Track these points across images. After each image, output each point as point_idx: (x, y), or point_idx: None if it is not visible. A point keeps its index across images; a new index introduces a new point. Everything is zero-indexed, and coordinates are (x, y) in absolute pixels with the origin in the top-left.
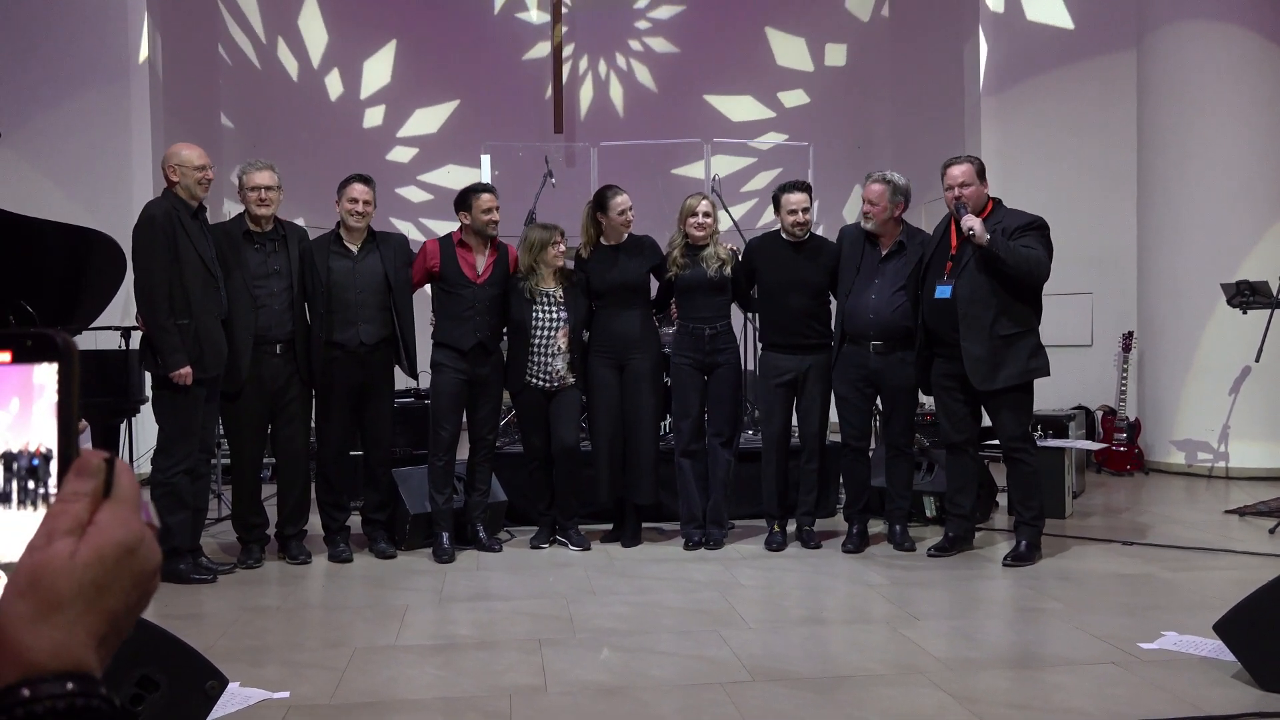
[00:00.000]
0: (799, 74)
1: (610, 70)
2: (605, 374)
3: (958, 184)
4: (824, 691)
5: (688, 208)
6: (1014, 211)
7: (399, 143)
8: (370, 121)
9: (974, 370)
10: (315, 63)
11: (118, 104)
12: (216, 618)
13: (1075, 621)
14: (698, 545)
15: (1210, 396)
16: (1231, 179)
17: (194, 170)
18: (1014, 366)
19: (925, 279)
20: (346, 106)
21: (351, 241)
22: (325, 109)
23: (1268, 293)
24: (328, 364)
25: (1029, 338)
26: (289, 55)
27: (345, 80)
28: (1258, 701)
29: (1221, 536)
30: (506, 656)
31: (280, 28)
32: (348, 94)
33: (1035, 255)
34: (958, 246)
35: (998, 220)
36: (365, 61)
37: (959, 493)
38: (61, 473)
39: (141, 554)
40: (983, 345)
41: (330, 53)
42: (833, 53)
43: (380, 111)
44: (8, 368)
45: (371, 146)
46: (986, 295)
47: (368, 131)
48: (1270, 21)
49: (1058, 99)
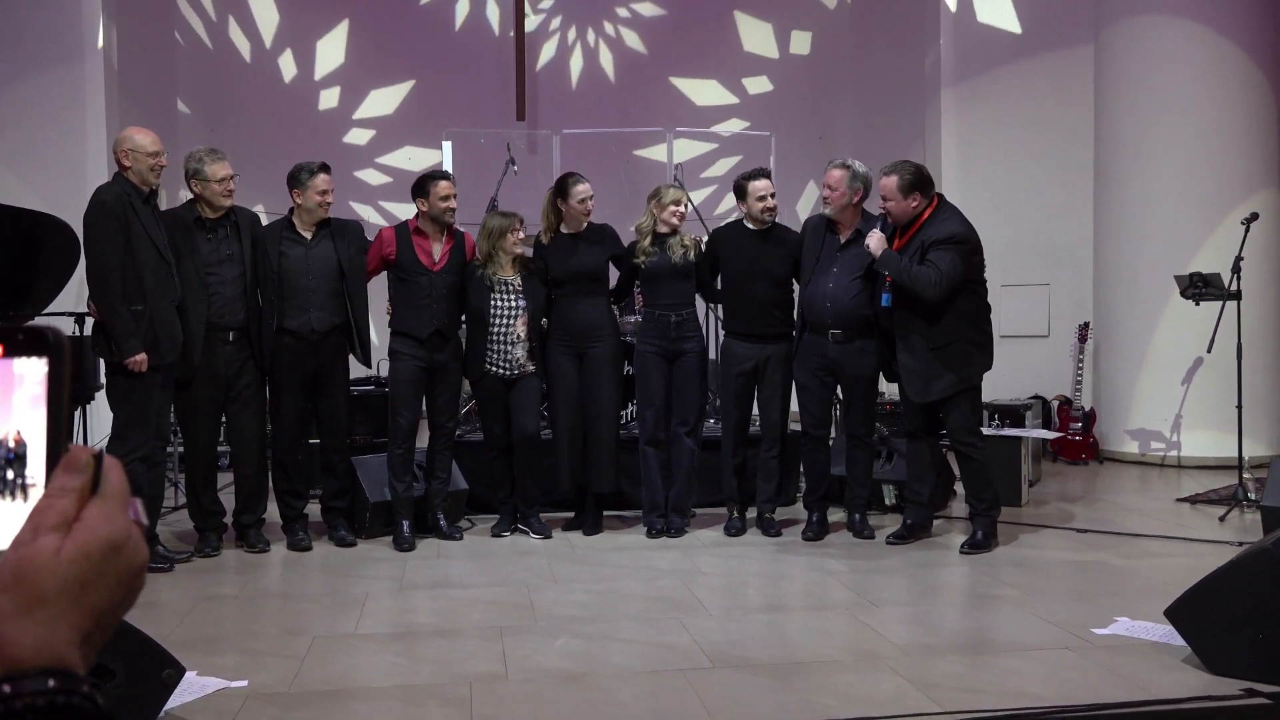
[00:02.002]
0: (764, 60)
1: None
2: (565, 362)
3: (882, 196)
4: (784, 677)
5: (662, 196)
6: (945, 220)
7: (355, 125)
8: (326, 103)
9: (909, 382)
10: (268, 43)
11: (72, 87)
12: (173, 606)
13: (1030, 608)
14: (660, 533)
15: (1164, 387)
16: (1186, 173)
17: (148, 156)
18: (946, 379)
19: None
20: (301, 88)
21: (305, 228)
22: (280, 91)
23: (1220, 285)
24: (279, 351)
25: (959, 347)
26: (241, 36)
27: (299, 61)
28: (1207, 685)
29: (1173, 524)
30: (467, 644)
31: (230, 6)
32: (301, 75)
33: (925, 275)
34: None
35: (927, 227)
36: (318, 41)
37: (917, 480)
38: (50, 468)
39: (128, 551)
40: (915, 358)
41: (282, 32)
42: (798, 40)
43: (335, 93)
44: None
45: (328, 128)
46: (918, 306)
47: (323, 113)
48: (1225, 18)
49: (1016, 93)
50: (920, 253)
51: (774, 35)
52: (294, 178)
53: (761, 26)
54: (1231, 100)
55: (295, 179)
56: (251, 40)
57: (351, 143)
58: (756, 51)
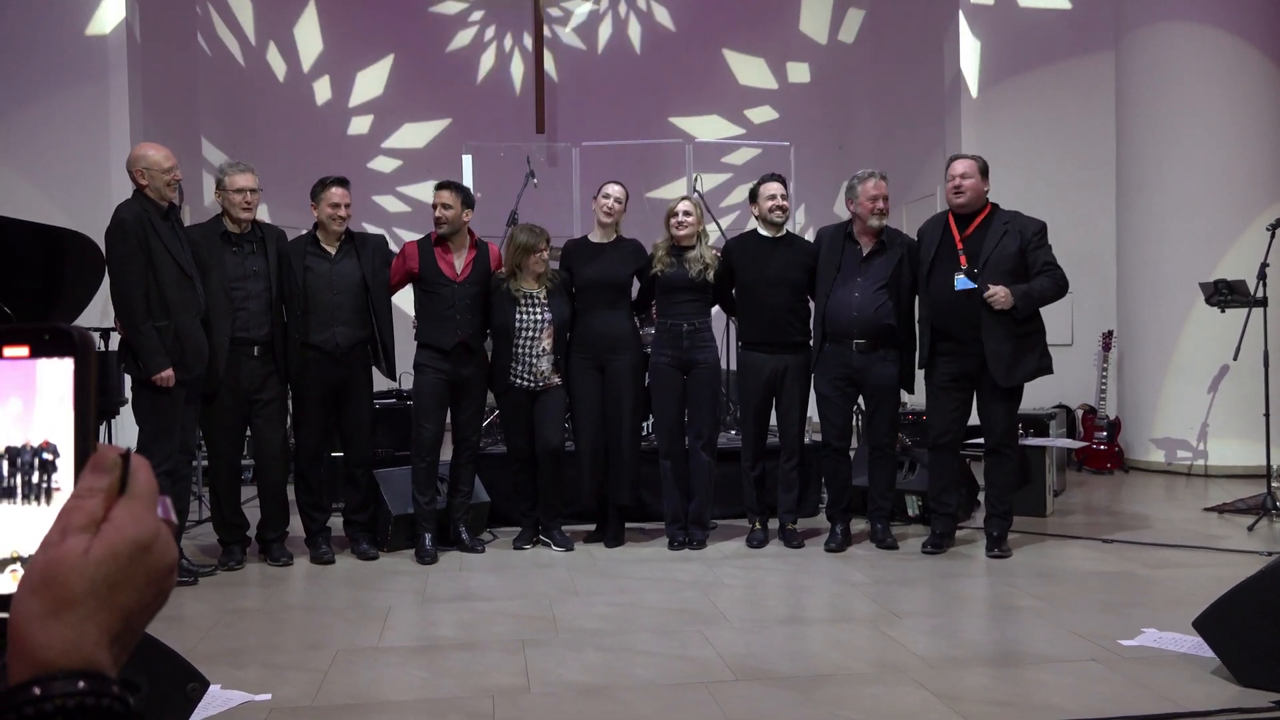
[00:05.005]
0: (764, 91)
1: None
2: (587, 374)
3: (959, 175)
4: (806, 690)
5: (669, 209)
6: (1016, 215)
7: (383, 152)
8: (356, 129)
9: (996, 365)
10: (305, 67)
11: (97, 102)
12: (197, 620)
13: (1056, 619)
14: (681, 545)
15: (1189, 395)
16: (1209, 179)
17: (162, 172)
18: (1030, 364)
19: (931, 274)
20: (332, 112)
21: (329, 243)
22: (309, 112)
23: (1245, 291)
24: (303, 365)
25: (1042, 337)
26: (279, 58)
27: (335, 87)
28: (1236, 697)
29: (1201, 534)
30: (489, 657)
31: (274, 31)
32: (336, 100)
33: (1054, 284)
34: (964, 243)
35: (1004, 223)
36: (359, 72)
37: (944, 491)
38: (77, 468)
39: (156, 551)
40: (1006, 342)
41: (323, 60)
42: (795, 70)
43: (368, 121)
44: (12, 363)
45: (354, 152)
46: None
47: (352, 138)
48: (1246, 23)
49: (1037, 101)
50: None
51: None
52: (313, 193)
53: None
54: (1254, 105)
55: (313, 194)
56: (289, 63)
57: (376, 169)
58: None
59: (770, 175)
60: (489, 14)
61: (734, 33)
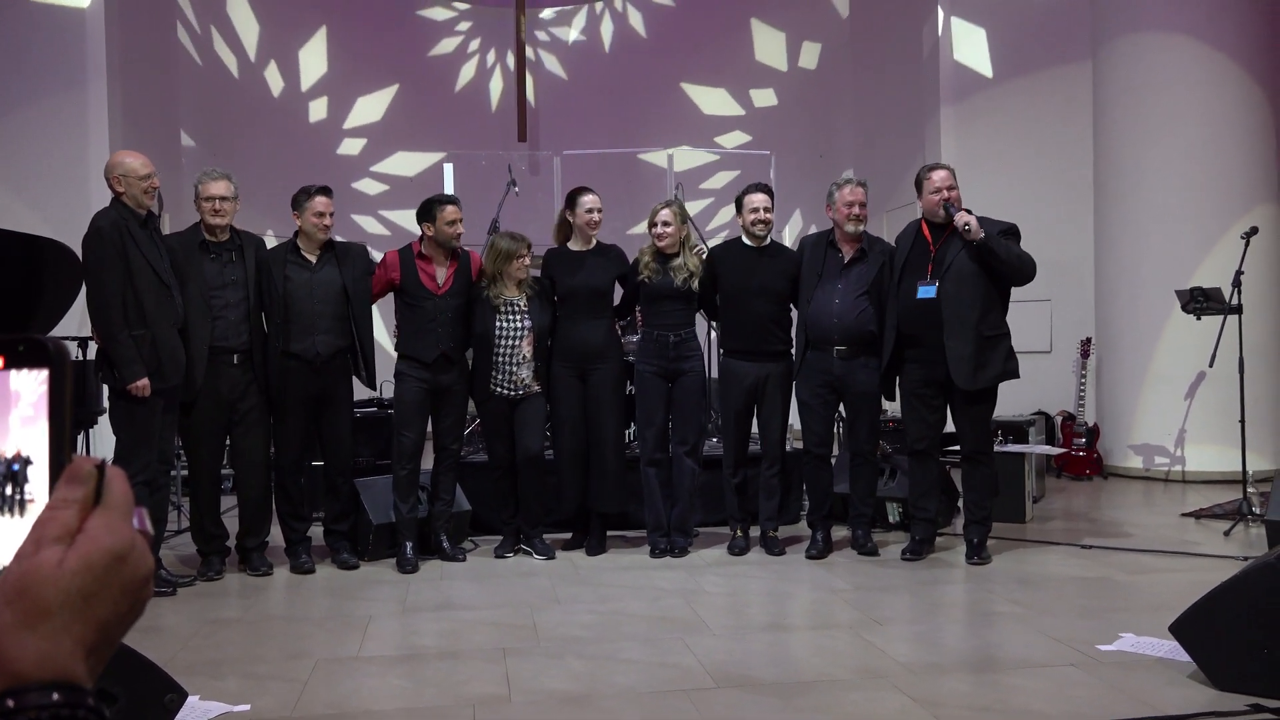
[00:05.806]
0: (773, 73)
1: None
2: (568, 382)
3: (946, 185)
4: (788, 697)
5: (650, 218)
6: (985, 219)
7: (346, 134)
8: (315, 115)
9: (957, 369)
10: (252, 55)
11: (75, 110)
12: (176, 630)
13: (1035, 624)
14: (663, 553)
15: (1166, 401)
16: (1185, 187)
17: (139, 180)
18: (994, 367)
19: (901, 282)
20: (290, 101)
21: (310, 252)
22: (271, 106)
23: (1221, 299)
24: (283, 374)
25: (1006, 340)
26: (226, 50)
27: (284, 72)
28: (1213, 701)
29: (1178, 539)
30: (470, 666)
31: (211, 17)
32: (289, 87)
33: (1026, 254)
34: (937, 249)
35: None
36: (300, 50)
37: (923, 497)
38: (53, 480)
39: (132, 562)
40: (968, 344)
41: (264, 44)
42: (808, 52)
43: (323, 104)
44: None
45: (321, 142)
46: (972, 296)
47: (314, 126)
48: (1222, 34)
49: (1015, 110)
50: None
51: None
52: (295, 201)
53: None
54: (1230, 115)
55: (296, 202)
56: (236, 54)
57: (345, 154)
58: (767, 62)
59: (756, 185)
60: (475, 25)
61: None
